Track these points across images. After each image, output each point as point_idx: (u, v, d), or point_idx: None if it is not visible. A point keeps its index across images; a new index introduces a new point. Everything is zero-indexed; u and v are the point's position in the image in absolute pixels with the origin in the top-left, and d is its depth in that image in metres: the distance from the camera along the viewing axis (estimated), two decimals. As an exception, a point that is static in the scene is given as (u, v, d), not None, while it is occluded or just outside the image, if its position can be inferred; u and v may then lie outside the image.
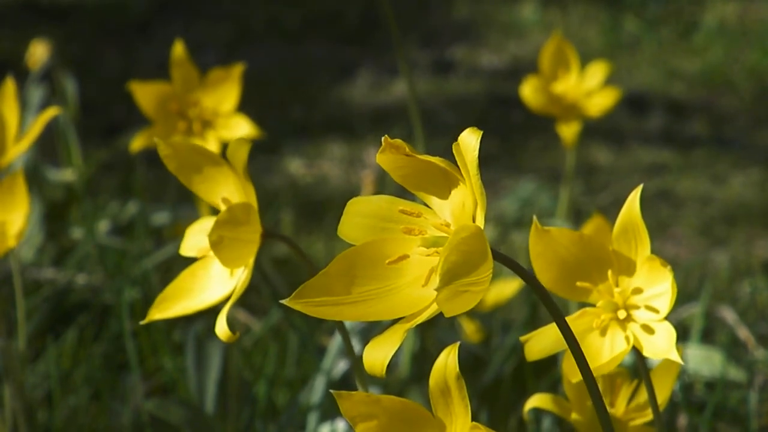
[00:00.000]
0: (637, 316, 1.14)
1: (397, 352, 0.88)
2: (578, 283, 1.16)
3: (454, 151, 0.90)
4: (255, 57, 4.20)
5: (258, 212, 1.19)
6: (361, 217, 1.00)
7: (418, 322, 0.90)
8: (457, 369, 0.97)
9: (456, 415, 1.00)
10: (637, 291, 1.15)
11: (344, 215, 1.00)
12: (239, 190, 1.21)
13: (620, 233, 1.15)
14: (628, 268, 1.15)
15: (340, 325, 1.25)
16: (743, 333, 2.18)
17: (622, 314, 1.15)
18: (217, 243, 1.16)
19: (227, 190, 1.22)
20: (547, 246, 1.16)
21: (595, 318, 1.15)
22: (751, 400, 1.95)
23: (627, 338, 1.14)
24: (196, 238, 1.24)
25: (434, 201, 0.96)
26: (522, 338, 1.18)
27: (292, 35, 4.48)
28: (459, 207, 0.94)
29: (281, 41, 4.43)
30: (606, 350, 1.14)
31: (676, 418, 1.96)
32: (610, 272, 1.15)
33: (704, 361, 2.02)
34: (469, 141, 0.89)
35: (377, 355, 0.90)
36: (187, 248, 1.24)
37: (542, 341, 1.16)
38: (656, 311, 1.13)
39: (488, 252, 0.87)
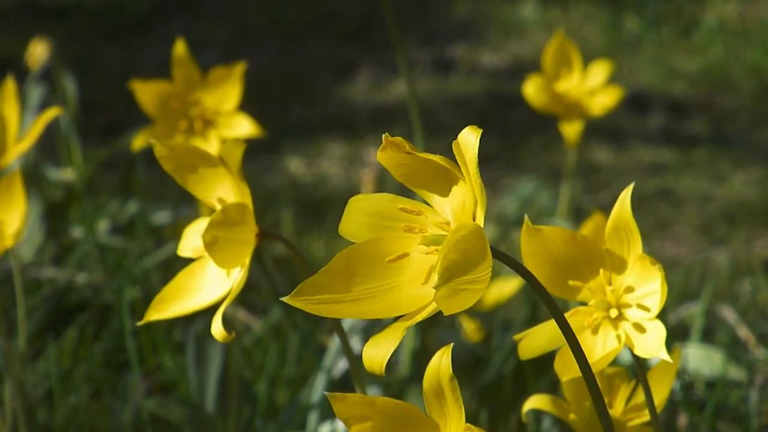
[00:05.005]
0: (629, 315, 1.14)
1: (397, 350, 0.88)
2: (570, 282, 1.16)
3: (453, 150, 0.90)
4: (255, 56, 4.20)
5: (254, 212, 1.19)
6: (362, 215, 0.99)
7: (417, 321, 0.90)
8: (451, 370, 0.97)
9: (450, 416, 1.00)
10: (629, 289, 1.14)
11: (345, 213, 1.00)
12: (235, 190, 1.21)
13: (612, 232, 1.15)
14: (620, 266, 1.15)
15: (337, 325, 1.25)
16: (743, 332, 2.18)
17: (614, 313, 1.14)
18: (211, 244, 1.16)
19: (223, 190, 1.22)
20: (540, 245, 1.16)
21: (587, 317, 1.15)
22: (751, 399, 1.95)
23: (619, 337, 1.13)
24: (192, 239, 1.23)
25: (435, 199, 0.96)
26: (516, 337, 1.18)
27: (292, 35, 4.47)
28: (459, 205, 0.94)
29: (281, 41, 4.43)
30: (598, 349, 1.14)
31: (676, 417, 1.96)
32: (602, 271, 1.15)
33: (704, 360, 2.02)
34: (469, 139, 0.89)
35: (377, 354, 0.90)
36: (184, 249, 1.24)
37: (536, 339, 1.16)
38: (647, 310, 1.13)
39: (487, 250, 0.87)
